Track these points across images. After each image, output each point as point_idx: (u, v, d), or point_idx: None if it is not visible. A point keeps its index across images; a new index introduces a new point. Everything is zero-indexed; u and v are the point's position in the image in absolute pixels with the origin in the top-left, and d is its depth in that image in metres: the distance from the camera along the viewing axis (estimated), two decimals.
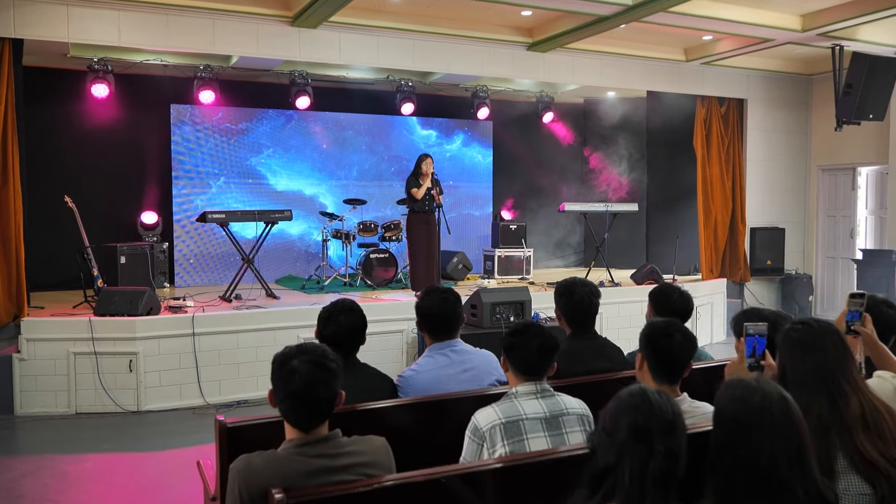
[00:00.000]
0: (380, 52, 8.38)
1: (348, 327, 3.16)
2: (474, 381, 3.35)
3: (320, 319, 3.21)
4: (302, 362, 2.16)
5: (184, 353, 6.63)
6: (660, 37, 9.32)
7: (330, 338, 3.13)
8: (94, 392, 6.42)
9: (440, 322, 3.39)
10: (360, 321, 3.21)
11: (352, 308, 3.22)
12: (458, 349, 3.41)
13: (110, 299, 6.77)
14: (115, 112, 9.32)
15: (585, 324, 3.60)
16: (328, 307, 3.23)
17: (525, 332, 2.78)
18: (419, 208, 8.45)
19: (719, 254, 10.65)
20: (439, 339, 3.40)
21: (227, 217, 8.33)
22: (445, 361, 3.34)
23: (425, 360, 3.38)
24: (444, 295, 3.42)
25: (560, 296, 3.66)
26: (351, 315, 3.19)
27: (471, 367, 3.37)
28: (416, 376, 3.31)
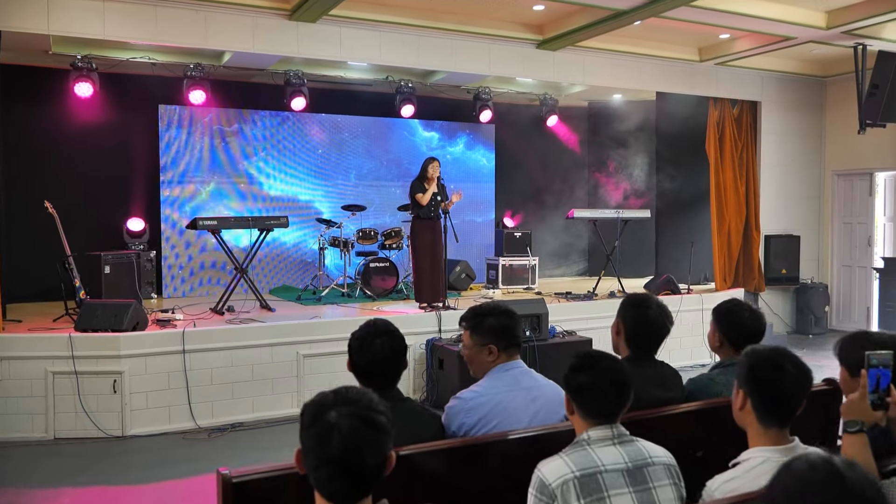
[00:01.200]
0: (382, 48, 7.89)
1: (387, 354, 2.68)
2: (543, 414, 2.86)
3: (352, 348, 2.73)
4: (343, 416, 1.63)
5: (173, 372, 6.09)
6: (674, 35, 8.90)
7: (366, 368, 2.68)
8: (75, 415, 5.86)
9: (507, 333, 2.94)
10: (401, 345, 2.74)
11: (388, 330, 2.73)
12: (525, 371, 2.95)
13: (93, 313, 6.23)
14: (100, 113, 8.82)
15: (650, 348, 3.11)
16: (360, 332, 2.75)
17: (595, 367, 2.28)
18: (424, 214, 7.97)
19: (733, 262, 10.21)
20: (506, 356, 2.93)
21: (219, 224, 7.81)
22: (511, 385, 2.88)
23: (489, 381, 2.90)
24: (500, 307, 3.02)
25: (629, 307, 3.17)
26: (389, 339, 2.71)
27: (539, 395, 2.90)
28: (478, 399, 2.82)
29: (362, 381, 2.70)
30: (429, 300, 7.92)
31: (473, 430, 2.76)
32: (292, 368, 6.48)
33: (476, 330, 2.96)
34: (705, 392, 3.14)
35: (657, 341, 3.14)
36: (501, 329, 2.93)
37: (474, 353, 2.97)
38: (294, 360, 6.48)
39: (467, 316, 3.02)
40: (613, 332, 3.21)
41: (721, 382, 3.19)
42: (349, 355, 2.74)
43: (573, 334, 7.06)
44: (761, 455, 2.16)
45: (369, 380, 2.67)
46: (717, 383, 3.19)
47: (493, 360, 2.92)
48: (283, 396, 6.46)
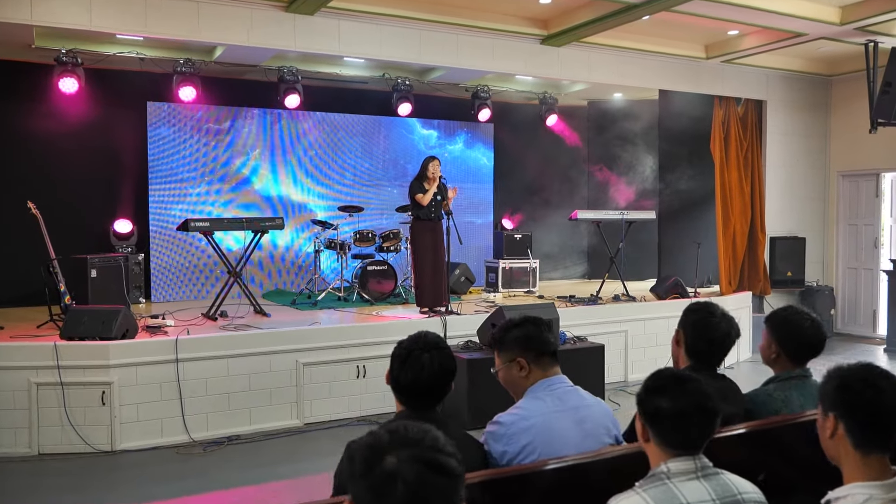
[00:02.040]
0: (382, 42, 7.58)
1: (435, 371, 2.40)
2: (593, 438, 2.56)
3: (396, 360, 2.44)
4: (404, 462, 1.31)
5: (165, 383, 5.73)
6: (681, 31, 8.66)
7: (409, 386, 2.40)
8: (61, 429, 5.50)
9: (539, 347, 2.64)
10: (451, 364, 2.45)
11: (438, 345, 2.46)
12: (569, 389, 2.64)
13: (79, 320, 5.87)
14: (86, 110, 8.48)
15: (712, 360, 2.81)
16: (407, 344, 2.46)
17: (680, 390, 1.97)
18: (424, 216, 7.66)
19: (738, 264, 9.97)
20: (543, 371, 2.63)
21: (211, 225, 7.47)
22: (557, 405, 2.57)
23: (531, 401, 2.58)
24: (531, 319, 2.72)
25: (690, 314, 2.87)
26: (439, 355, 2.43)
27: (587, 416, 2.59)
28: (521, 423, 2.50)
29: (401, 399, 2.43)
30: (430, 304, 7.62)
31: (518, 459, 2.46)
32: (291, 377, 6.15)
33: (501, 346, 2.70)
34: (764, 409, 2.86)
35: (721, 352, 2.84)
36: (526, 338, 2.64)
37: (505, 372, 2.68)
38: (293, 368, 6.14)
39: (493, 336, 2.76)
40: (673, 343, 2.91)
41: (779, 399, 2.91)
42: (391, 368, 2.45)
43: (584, 340, 6.77)
44: (863, 492, 1.87)
45: (411, 399, 2.41)
46: (776, 399, 2.91)
47: (527, 374, 2.62)
48: (282, 407, 6.12)
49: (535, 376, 2.62)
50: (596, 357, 6.55)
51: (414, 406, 2.41)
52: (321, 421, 6.24)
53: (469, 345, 6.39)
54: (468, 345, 6.40)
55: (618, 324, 7.75)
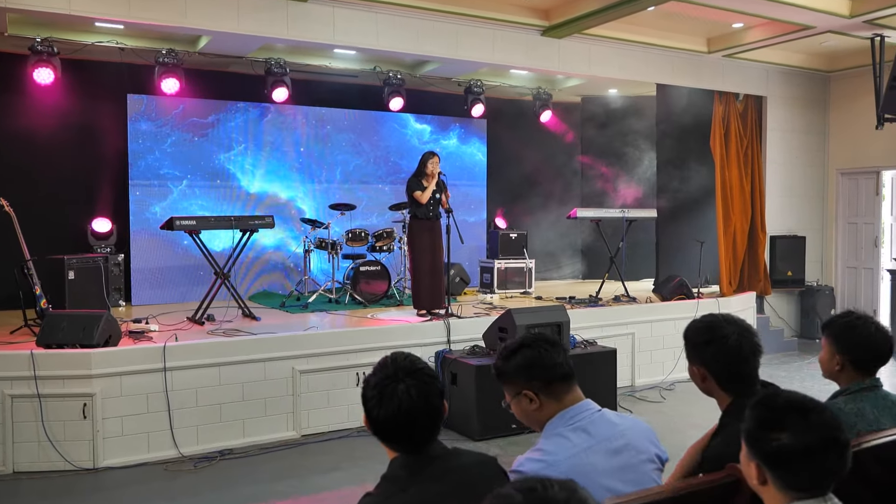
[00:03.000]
0: (379, 32, 7.22)
1: (415, 402, 1.94)
2: (635, 470, 2.19)
3: (370, 402, 1.98)
4: None
5: (152, 394, 5.33)
6: (685, 23, 8.40)
7: (392, 427, 1.96)
8: (38, 445, 5.07)
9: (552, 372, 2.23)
10: (431, 386, 1.98)
11: (412, 367, 2.00)
12: (596, 418, 2.21)
13: (58, 326, 5.44)
14: (62, 102, 8.07)
15: (747, 381, 2.36)
16: (374, 380, 2.00)
17: (804, 423, 1.63)
18: (422, 214, 7.32)
19: (738, 264, 9.73)
20: (564, 396, 2.22)
21: (198, 224, 7.06)
22: (586, 441, 2.15)
23: (553, 440, 2.16)
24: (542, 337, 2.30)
25: (699, 345, 2.40)
26: (414, 382, 1.96)
27: (623, 444, 2.19)
28: (547, 471, 2.05)
29: (389, 445, 2.00)
30: (428, 306, 7.28)
31: None
32: (287, 386, 5.76)
33: (503, 378, 2.28)
34: None
35: (753, 369, 2.40)
36: (528, 366, 2.22)
37: (516, 407, 2.26)
38: (289, 376, 5.76)
39: (494, 366, 2.33)
40: (698, 381, 2.45)
41: (852, 412, 2.60)
42: (365, 412, 2.01)
43: (594, 344, 6.46)
44: None
45: (398, 441, 1.97)
46: (848, 413, 2.60)
47: (538, 407, 2.21)
48: (278, 418, 5.73)
49: (550, 409, 2.21)
50: (608, 362, 6.26)
51: (406, 449, 1.97)
52: (319, 432, 5.87)
53: (475, 350, 6.06)
54: (474, 350, 6.07)
55: (624, 326, 7.46)
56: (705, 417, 2.35)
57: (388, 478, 1.96)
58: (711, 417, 2.27)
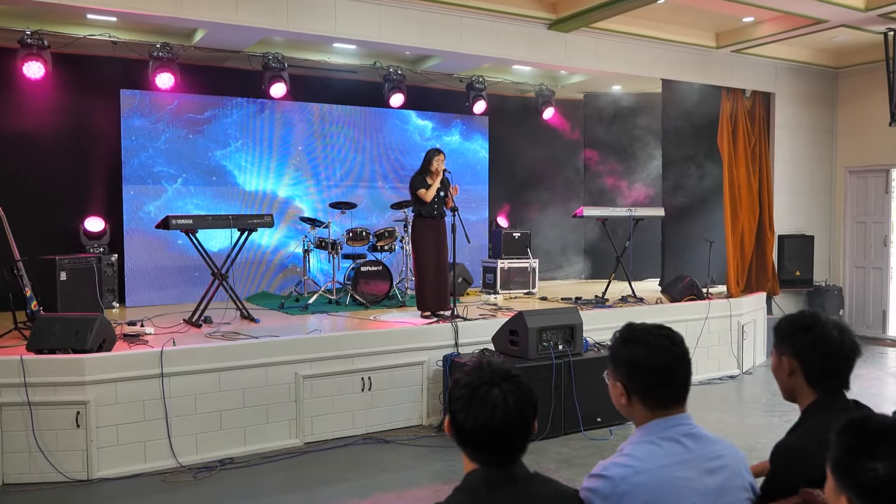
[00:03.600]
0: (382, 25, 6.98)
1: (511, 410, 1.78)
2: (728, 493, 1.96)
3: (458, 403, 1.80)
4: None
5: (149, 401, 5.07)
6: (694, 17, 8.22)
7: (480, 435, 1.77)
8: (28, 456, 4.81)
9: (665, 379, 1.99)
10: (529, 396, 1.82)
11: (508, 374, 1.83)
12: (695, 433, 1.99)
13: (49, 329, 5.19)
14: (53, 97, 7.84)
15: (840, 380, 2.21)
16: (467, 379, 1.82)
17: None
18: (427, 213, 7.09)
19: (746, 264, 9.53)
20: (661, 410, 2.00)
21: (195, 223, 6.82)
22: (680, 454, 1.94)
23: (644, 447, 1.95)
24: (662, 335, 2.02)
25: (795, 333, 2.26)
26: (512, 387, 1.80)
27: (719, 465, 1.97)
28: (635, 477, 1.87)
29: (471, 454, 1.81)
30: (433, 308, 7.05)
31: None
32: (290, 392, 5.52)
33: (611, 357, 2.08)
34: None
35: (849, 369, 2.25)
36: (635, 367, 1.99)
37: (611, 387, 2.08)
38: (292, 382, 5.52)
39: (613, 335, 2.13)
40: (783, 375, 2.29)
41: None
42: (450, 414, 1.83)
43: (607, 347, 6.22)
44: None
45: (485, 453, 1.78)
46: None
47: (626, 404, 2.03)
48: (280, 425, 5.49)
49: (638, 413, 2.02)
50: None
51: (490, 461, 1.79)
52: (323, 440, 5.63)
53: (485, 353, 5.83)
54: (484, 354, 5.83)
55: None
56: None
57: (463, 490, 1.78)
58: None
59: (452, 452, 5.34)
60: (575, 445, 5.41)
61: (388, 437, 5.72)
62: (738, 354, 8.04)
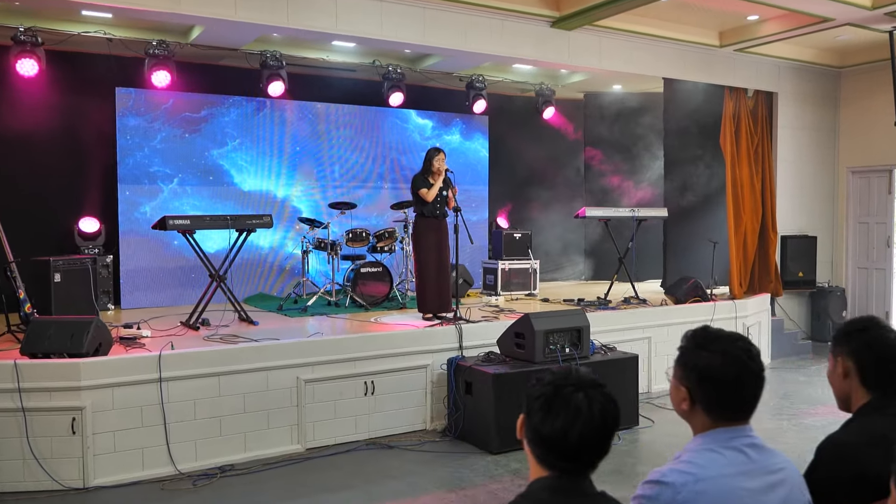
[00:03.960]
0: (384, 22, 6.86)
1: (595, 419, 1.67)
2: None
3: (537, 402, 1.70)
4: None
5: (147, 406, 4.93)
6: (698, 15, 8.12)
7: (558, 441, 1.66)
8: (22, 463, 4.67)
9: (734, 393, 1.86)
10: (614, 407, 1.72)
11: (595, 382, 1.72)
12: (757, 443, 1.89)
13: (43, 333, 5.04)
14: (47, 95, 7.70)
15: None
16: (550, 379, 1.72)
17: None
18: (429, 213, 6.96)
19: (748, 265, 9.43)
20: (724, 422, 1.88)
21: (192, 223, 6.68)
22: (743, 464, 1.83)
23: (705, 455, 1.84)
24: (739, 347, 1.87)
25: (852, 334, 2.19)
26: (599, 395, 1.69)
27: (781, 479, 1.86)
28: (696, 485, 1.77)
29: (543, 459, 1.69)
30: (435, 310, 6.93)
31: None
32: (291, 397, 5.39)
33: (680, 360, 1.94)
34: None
35: None
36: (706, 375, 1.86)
37: (672, 387, 1.95)
38: (293, 386, 5.38)
39: (684, 335, 1.98)
40: (838, 378, 2.22)
41: None
42: (527, 413, 1.71)
43: (614, 350, 6.12)
44: None
45: (558, 459, 1.67)
46: None
47: (688, 410, 1.91)
48: (281, 431, 5.35)
49: (699, 421, 1.90)
50: (630, 369, 5.92)
51: (562, 468, 1.67)
52: (325, 445, 5.49)
53: (491, 356, 5.71)
54: (489, 357, 5.71)
55: (641, 330, 7.13)
56: None
57: (527, 497, 1.67)
58: None
59: (458, 458, 5.22)
60: None
61: (392, 443, 5.59)
62: None
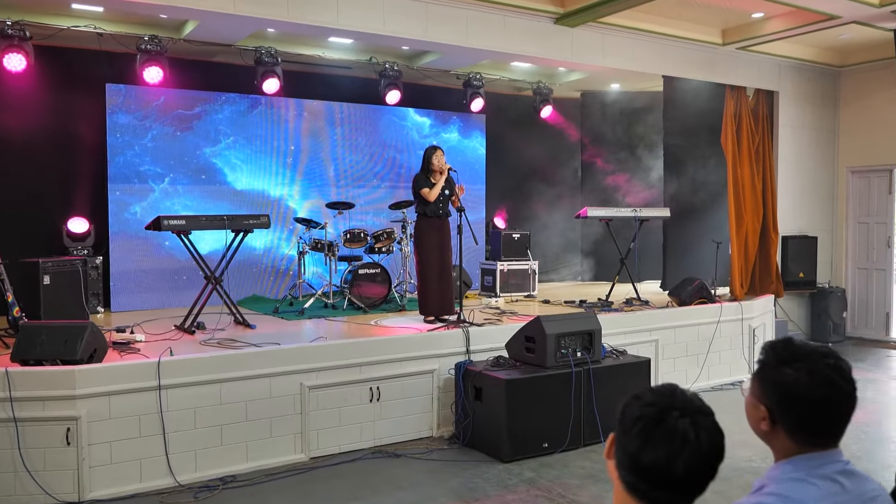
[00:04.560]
0: (386, 16, 6.67)
1: (703, 451, 1.46)
2: None
3: (637, 424, 1.48)
4: None
5: (145, 415, 4.71)
6: (701, 12, 7.99)
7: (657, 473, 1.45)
8: (14, 476, 4.44)
9: (824, 416, 1.67)
10: (721, 438, 1.51)
11: (701, 408, 1.51)
12: (849, 469, 1.69)
13: (35, 338, 4.81)
14: (35, 92, 7.45)
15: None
16: (651, 399, 1.51)
17: None
18: (432, 213, 6.78)
19: (749, 265, 9.32)
20: (810, 446, 1.69)
21: (188, 224, 6.46)
22: (837, 495, 1.64)
23: (794, 486, 1.63)
24: (829, 364, 1.66)
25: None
26: (706, 424, 1.49)
27: None
28: None
29: (636, 490, 1.49)
30: (436, 312, 6.75)
31: None
32: (295, 404, 5.19)
33: (760, 375, 1.73)
34: None
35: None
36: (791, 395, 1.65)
37: (750, 406, 1.76)
38: (297, 393, 5.18)
39: (764, 347, 1.78)
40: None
41: None
42: (620, 436, 1.51)
43: (625, 353, 5.96)
44: None
45: (659, 490, 1.46)
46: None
47: (768, 433, 1.71)
48: (285, 440, 5.15)
49: (782, 446, 1.70)
50: (642, 373, 5.75)
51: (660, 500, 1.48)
52: (330, 454, 5.29)
53: (500, 361, 5.53)
54: (499, 361, 5.54)
55: (648, 332, 6.98)
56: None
57: None
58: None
59: (468, 467, 5.04)
60: (597, 458, 5.14)
61: (399, 451, 5.40)
62: (750, 359, 7.81)
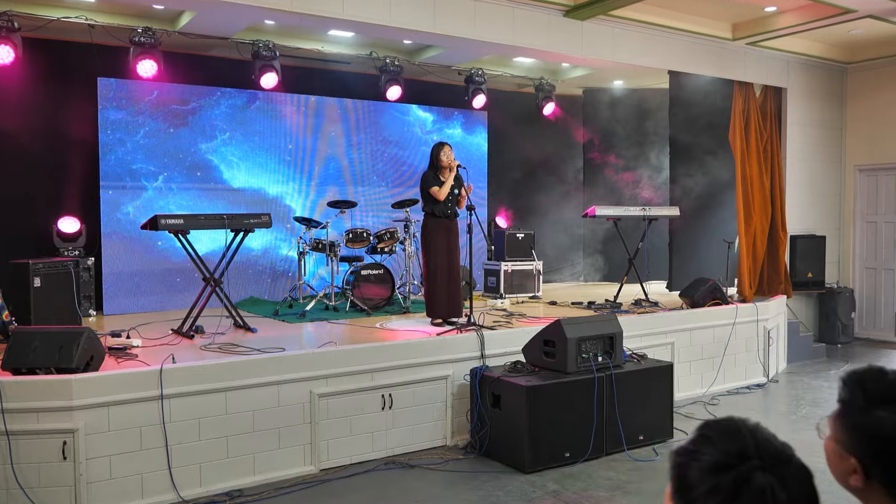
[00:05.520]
0: (392, 6, 6.40)
1: None
2: None
3: (706, 479, 1.17)
4: None
5: (147, 427, 4.43)
6: (714, 5, 7.78)
7: None
8: (7, 494, 4.15)
9: None
10: (811, 486, 1.21)
11: (781, 455, 1.20)
12: None
13: (28, 345, 4.51)
14: (23, 86, 7.18)
15: None
16: (722, 446, 1.20)
17: None
18: (440, 212, 6.54)
19: (758, 265, 9.13)
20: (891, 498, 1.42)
21: (186, 223, 6.17)
22: None
23: None
24: None
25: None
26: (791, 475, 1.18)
27: None
28: None
29: None
30: (444, 315, 6.51)
31: None
32: (304, 413, 4.92)
33: (844, 419, 1.47)
34: None
35: None
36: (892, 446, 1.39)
37: (832, 454, 1.53)
38: (307, 401, 4.91)
39: (848, 382, 1.51)
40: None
41: None
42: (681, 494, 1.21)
43: (644, 357, 5.73)
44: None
45: None
46: None
47: (861, 489, 1.44)
48: (294, 451, 4.88)
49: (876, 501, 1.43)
50: (664, 378, 5.53)
51: None
52: (341, 465, 5.03)
53: (518, 366, 5.28)
54: (517, 367, 5.29)
55: (664, 335, 6.76)
56: None
57: None
58: None
59: (488, 479, 4.79)
60: (622, 468, 4.90)
61: (412, 461, 5.14)
62: (765, 361, 7.62)
